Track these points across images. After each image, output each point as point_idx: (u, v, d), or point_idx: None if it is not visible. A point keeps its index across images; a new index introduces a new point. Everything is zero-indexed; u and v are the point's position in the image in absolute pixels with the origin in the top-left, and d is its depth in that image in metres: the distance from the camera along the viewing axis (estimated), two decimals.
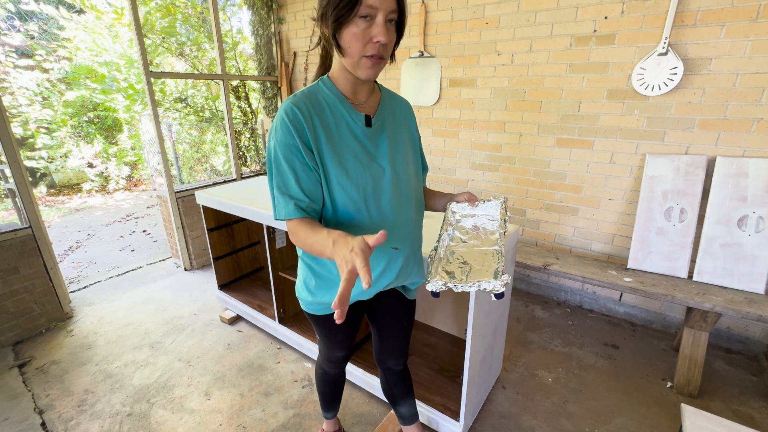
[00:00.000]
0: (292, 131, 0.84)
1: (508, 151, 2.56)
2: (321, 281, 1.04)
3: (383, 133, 0.97)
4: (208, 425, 1.66)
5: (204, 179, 4.77)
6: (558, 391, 1.84)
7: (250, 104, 4.31)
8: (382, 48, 0.82)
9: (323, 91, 0.91)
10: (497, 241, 0.97)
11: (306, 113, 0.86)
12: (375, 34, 0.79)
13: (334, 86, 0.91)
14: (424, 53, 2.71)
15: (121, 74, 5.13)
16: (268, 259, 1.97)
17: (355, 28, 0.78)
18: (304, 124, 0.85)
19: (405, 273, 1.05)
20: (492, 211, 1.09)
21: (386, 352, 1.28)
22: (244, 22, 4.79)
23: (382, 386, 1.39)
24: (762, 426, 1.62)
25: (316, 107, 0.88)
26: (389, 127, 0.99)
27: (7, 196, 2.50)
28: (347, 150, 0.90)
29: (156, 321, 2.42)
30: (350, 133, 0.91)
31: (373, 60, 0.82)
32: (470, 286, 0.80)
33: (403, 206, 1.00)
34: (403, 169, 1.00)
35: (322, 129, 0.88)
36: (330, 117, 0.89)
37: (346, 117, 0.91)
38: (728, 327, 2.11)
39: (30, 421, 1.69)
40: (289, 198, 0.87)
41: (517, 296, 2.69)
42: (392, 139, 0.99)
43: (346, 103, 0.91)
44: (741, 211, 1.82)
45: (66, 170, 6.32)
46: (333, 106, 0.90)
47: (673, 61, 1.88)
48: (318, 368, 1.37)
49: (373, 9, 0.77)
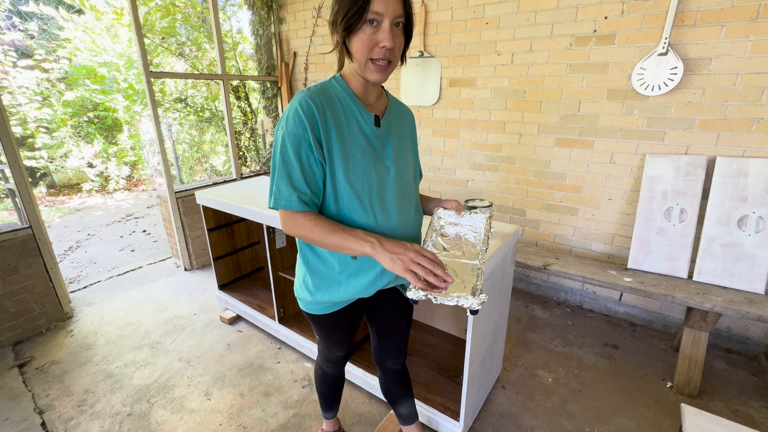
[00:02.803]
0: (305, 122, 0.85)
1: (508, 151, 2.56)
2: (320, 280, 1.04)
3: (389, 135, 0.99)
4: (208, 425, 1.66)
5: (204, 179, 4.78)
6: (558, 391, 1.84)
7: (250, 104, 4.31)
8: (389, 52, 0.84)
9: (335, 88, 0.93)
10: (478, 256, 0.97)
11: (320, 106, 0.87)
12: (381, 39, 0.82)
13: (346, 84, 0.93)
14: (424, 53, 2.71)
15: (120, 74, 5.12)
16: (268, 259, 1.97)
17: (362, 34, 0.81)
18: (317, 116, 0.86)
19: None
20: (477, 223, 1.09)
21: (385, 352, 1.28)
22: (244, 22, 4.79)
23: (381, 386, 1.39)
24: (762, 426, 1.62)
25: (329, 102, 0.90)
26: (395, 131, 1.01)
27: (7, 196, 2.50)
28: (356, 146, 0.92)
29: (156, 321, 2.42)
30: (360, 131, 0.93)
31: (379, 64, 0.85)
32: (449, 300, 0.80)
33: (405, 207, 1.02)
34: (406, 171, 1.04)
35: (334, 124, 0.89)
36: (341, 113, 0.91)
37: (357, 115, 0.93)
38: (728, 327, 2.11)
39: (30, 421, 1.69)
40: (293, 190, 0.87)
41: (517, 296, 2.69)
42: (397, 143, 1.01)
43: (357, 101, 0.94)
44: (741, 211, 1.82)
45: (66, 170, 6.32)
46: (344, 103, 0.92)
47: (673, 61, 1.88)
48: (317, 369, 1.37)
49: (379, 15, 0.80)
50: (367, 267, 1.00)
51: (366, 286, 1.02)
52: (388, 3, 0.79)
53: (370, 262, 1.00)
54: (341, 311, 1.10)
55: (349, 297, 1.04)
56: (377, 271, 1.00)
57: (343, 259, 1.00)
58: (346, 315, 1.12)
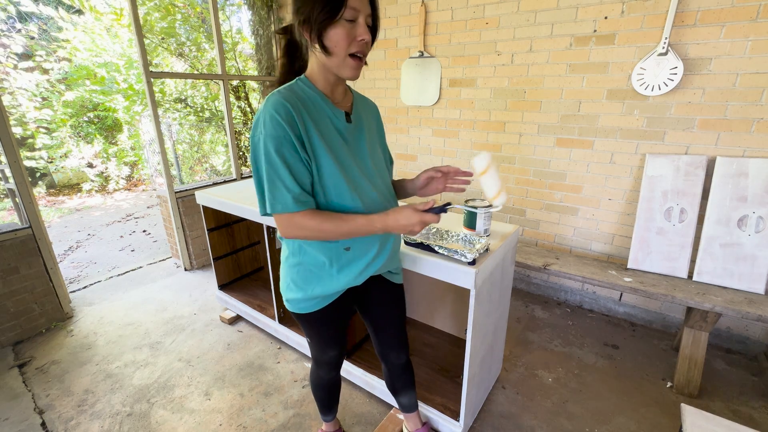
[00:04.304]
0: (283, 124, 0.86)
1: (508, 151, 2.56)
2: (310, 274, 1.05)
3: (361, 129, 1.03)
4: (208, 425, 1.66)
5: (204, 179, 4.77)
6: (558, 391, 1.84)
7: (250, 104, 4.31)
8: (366, 46, 0.89)
9: (303, 89, 0.94)
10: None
11: (295, 105, 0.89)
12: (359, 33, 0.87)
13: (312, 85, 0.96)
14: (424, 53, 2.71)
15: (120, 75, 5.12)
16: (268, 259, 1.97)
17: (341, 29, 0.85)
18: (294, 115, 0.87)
19: (393, 256, 1.15)
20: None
21: (385, 345, 1.30)
22: (244, 22, 4.79)
23: (384, 379, 1.42)
24: (762, 426, 1.62)
25: (301, 101, 0.92)
26: (365, 124, 1.05)
27: (7, 196, 2.50)
28: (335, 141, 0.96)
29: (156, 321, 2.42)
30: (334, 128, 0.96)
31: (356, 60, 0.90)
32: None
33: (385, 195, 1.07)
34: (380, 160, 1.09)
35: (311, 121, 0.91)
36: (313, 110, 0.93)
37: (328, 113, 0.96)
38: (728, 327, 2.11)
39: (30, 421, 1.69)
40: (286, 191, 0.88)
41: (517, 296, 2.69)
42: (368, 135, 1.05)
43: (326, 100, 0.96)
44: (741, 211, 1.82)
45: (66, 170, 6.32)
46: (314, 102, 0.94)
47: (673, 61, 1.88)
48: (312, 374, 1.36)
49: (355, 11, 0.85)
50: (359, 255, 1.04)
51: (357, 275, 1.06)
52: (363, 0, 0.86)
53: (361, 251, 1.03)
54: (331, 306, 1.11)
55: (341, 287, 1.07)
56: (370, 256, 1.04)
57: (335, 252, 1.02)
58: (335, 310, 1.13)
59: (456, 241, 1.37)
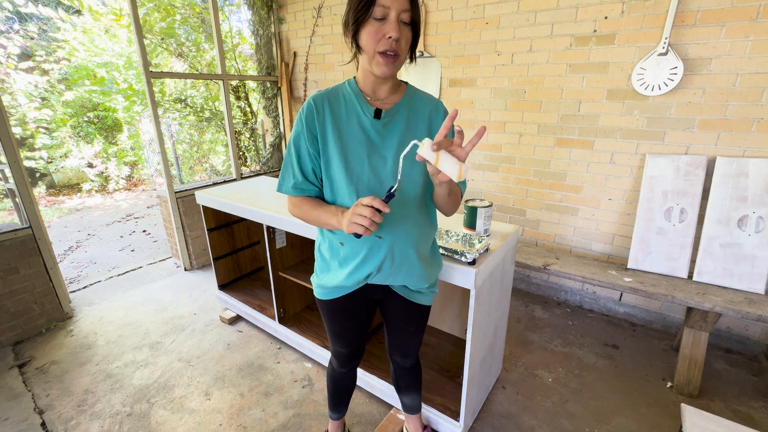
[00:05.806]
0: (303, 120, 0.98)
1: (508, 151, 2.56)
2: (323, 261, 1.13)
3: (395, 127, 0.99)
4: (208, 425, 1.66)
5: (204, 179, 4.77)
6: (558, 391, 1.84)
7: (250, 104, 4.31)
8: (395, 44, 0.88)
9: (345, 88, 1.02)
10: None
11: (320, 105, 0.98)
12: (387, 30, 0.86)
13: (355, 84, 1.02)
14: (424, 53, 2.71)
15: (120, 75, 5.12)
16: (268, 259, 1.97)
17: (370, 27, 0.87)
18: (314, 114, 0.97)
19: (393, 269, 1.04)
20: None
21: (393, 348, 1.32)
22: (244, 22, 4.79)
23: (391, 375, 1.45)
24: (762, 426, 1.62)
25: (332, 100, 0.99)
26: (409, 123, 1.00)
27: (7, 196, 2.50)
28: (353, 138, 0.98)
29: (156, 321, 2.42)
30: (359, 125, 0.99)
31: (386, 57, 0.89)
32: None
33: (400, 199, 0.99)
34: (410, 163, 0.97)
35: (332, 118, 0.98)
36: (343, 109, 0.99)
37: (358, 109, 0.99)
38: (728, 327, 2.11)
39: (30, 421, 1.69)
40: (291, 176, 1.02)
41: (517, 296, 2.69)
42: (407, 134, 0.99)
43: (361, 97, 1.00)
44: (741, 211, 1.82)
45: (65, 170, 6.31)
46: (349, 100, 1.00)
47: (673, 61, 1.88)
48: (328, 363, 1.40)
49: (385, 9, 0.85)
50: (351, 254, 1.05)
51: (350, 273, 1.05)
52: None
53: (354, 251, 1.03)
54: (338, 301, 1.13)
55: (336, 284, 1.08)
56: (357, 260, 1.03)
57: (334, 244, 1.07)
58: (343, 307, 1.15)
59: (456, 241, 1.37)
